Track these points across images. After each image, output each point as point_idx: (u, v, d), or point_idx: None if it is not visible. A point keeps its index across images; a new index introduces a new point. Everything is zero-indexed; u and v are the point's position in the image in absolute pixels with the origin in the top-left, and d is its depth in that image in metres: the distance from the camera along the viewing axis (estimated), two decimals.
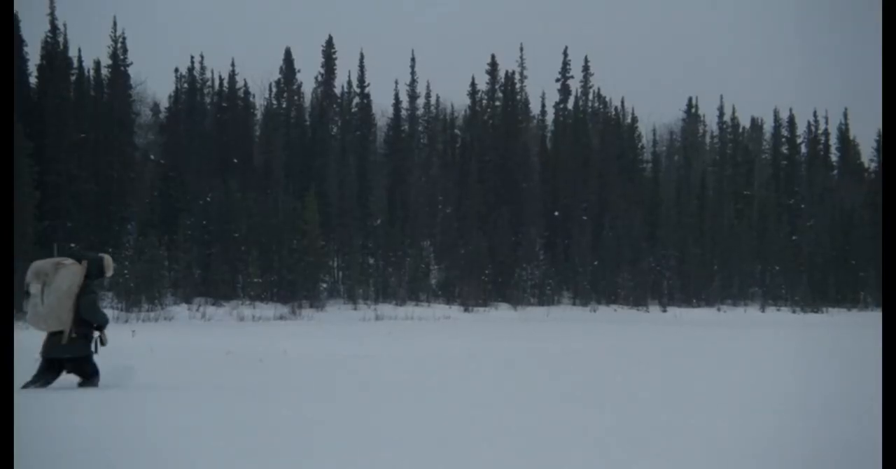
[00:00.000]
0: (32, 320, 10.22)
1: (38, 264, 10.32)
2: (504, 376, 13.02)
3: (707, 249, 66.69)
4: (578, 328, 35.58)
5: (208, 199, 53.01)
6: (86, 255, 10.37)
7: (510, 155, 65.86)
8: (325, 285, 54.45)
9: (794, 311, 63.09)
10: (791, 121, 77.65)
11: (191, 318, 43.23)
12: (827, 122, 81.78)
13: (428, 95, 68.87)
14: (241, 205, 53.39)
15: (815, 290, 65.79)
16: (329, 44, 66.39)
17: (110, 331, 10.41)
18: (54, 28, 50.27)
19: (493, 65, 68.57)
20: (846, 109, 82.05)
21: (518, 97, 69.55)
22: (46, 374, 10.11)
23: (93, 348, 10.18)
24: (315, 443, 6.44)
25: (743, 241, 67.70)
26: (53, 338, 10.10)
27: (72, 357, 10.06)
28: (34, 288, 10.21)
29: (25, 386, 9.92)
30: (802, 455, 6.13)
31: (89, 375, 10.18)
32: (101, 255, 10.49)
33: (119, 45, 54.23)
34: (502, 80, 68.47)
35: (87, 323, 10.10)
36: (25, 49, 48.95)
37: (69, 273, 10.13)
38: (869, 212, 69.52)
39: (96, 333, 10.21)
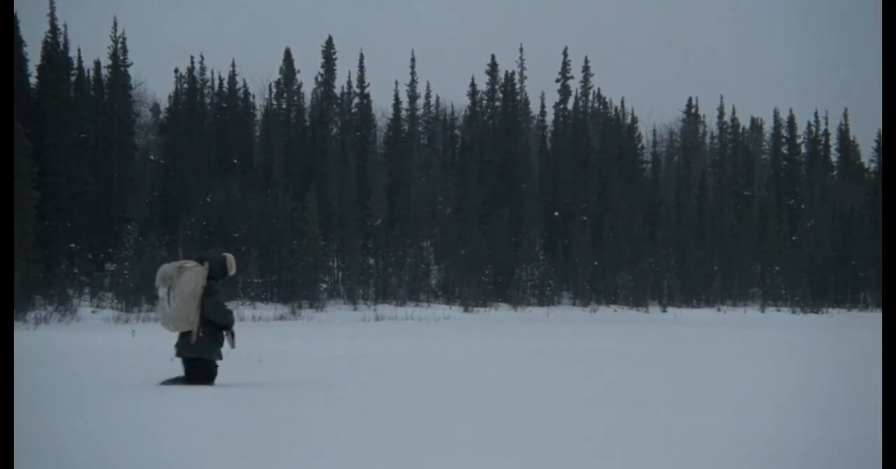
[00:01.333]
0: (163, 322, 10.49)
1: (163, 268, 10.50)
2: (505, 376, 13.01)
3: (707, 250, 66.69)
4: (582, 329, 35.56)
5: (208, 199, 53.03)
6: (208, 256, 10.59)
7: (510, 155, 65.89)
8: (325, 286, 54.46)
9: (794, 312, 63.08)
10: (791, 121, 77.66)
11: None
12: (827, 123, 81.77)
13: (428, 96, 68.92)
14: (241, 205, 53.41)
15: (815, 291, 65.77)
16: (329, 44, 66.40)
17: (243, 333, 10.54)
18: (54, 28, 50.29)
19: (493, 65, 68.61)
20: (846, 109, 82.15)
21: (518, 97, 69.56)
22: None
23: (221, 351, 10.46)
24: (316, 443, 6.44)
25: (743, 242, 67.69)
26: (184, 338, 10.34)
27: (198, 357, 10.33)
28: (161, 292, 10.37)
29: (166, 382, 10.38)
30: (803, 455, 6.13)
31: (195, 378, 10.34)
32: (224, 254, 10.69)
33: (119, 45, 54.25)
34: (502, 80, 68.51)
35: (214, 323, 10.35)
36: (25, 49, 48.94)
37: (192, 275, 10.30)
38: (869, 212, 69.53)
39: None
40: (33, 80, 49.63)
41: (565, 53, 71.83)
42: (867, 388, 10.41)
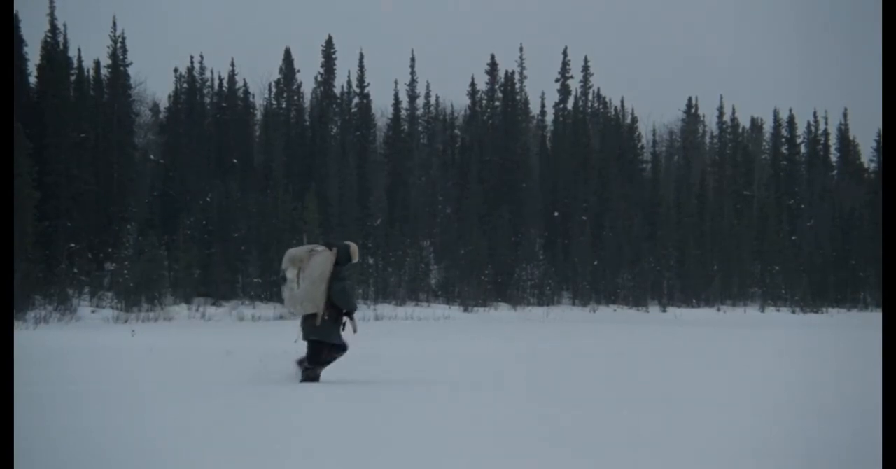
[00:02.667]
0: (289, 303, 10.73)
1: (292, 251, 10.78)
2: (510, 375, 13.00)
3: (707, 249, 66.69)
4: (585, 328, 35.55)
5: (208, 198, 53.02)
6: (335, 243, 10.89)
7: (510, 155, 65.91)
8: None
9: (793, 312, 63.09)
10: (791, 121, 77.68)
11: (190, 317, 43.23)
12: (827, 122, 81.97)
13: (428, 95, 68.92)
14: (241, 205, 53.41)
15: (814, 291, 65.78)
16: (329, 44, 66.40)
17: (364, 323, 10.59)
18: (54, 28, 50.29)
19: (493, 65, 68.62)
20: (846, 109, 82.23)
21: (518, 97, 69.56)
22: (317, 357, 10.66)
23: (342, 335, 10.64)
24: (316, 442, 6.44)
25: (742, 241, 67.70)
26: (308, 320, 10.54)
27: (320, 339, 10.53)
28: (290, 273, 10.66)
29: (304, 379, 10.57)
30: (803, 455, 6.13)
31: (318, 361, 10.60)
32: (347, 243, 10.94)
33: (119, 45, 54.23)
34: (502, 80, 68.52)
35: (338, 307, 10.56)
36: (25, 49, 48.95)
37: (321, 259, 10.57)
38: (869, 212, 69.55)
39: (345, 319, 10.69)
40: (33, 80, 49.64)
41: (565, 53, 71.88)
42: (867, 388, 10.41)
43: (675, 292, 63.99)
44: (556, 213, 65.02)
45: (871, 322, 42.05)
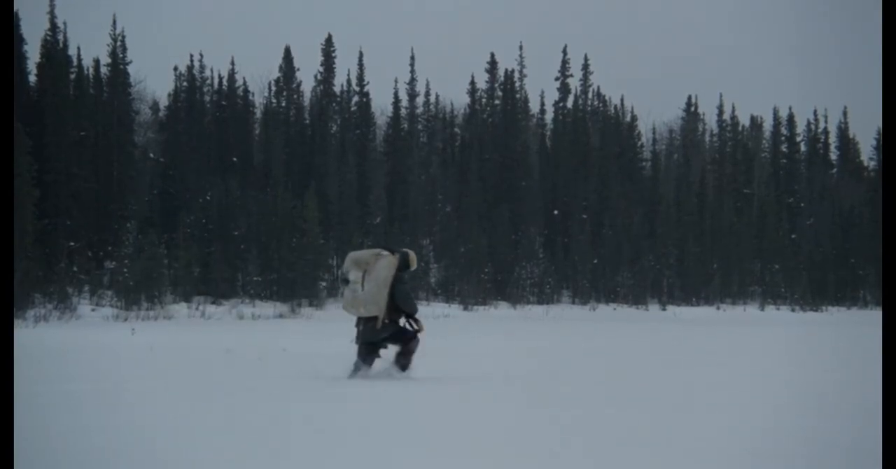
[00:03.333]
0: (350, 305, 10.90)
1: (356, 254, 11.05)
2: (509, 375, 13.00)
3: (706, 248, 66.68)
4: (585, 327, 35.55)
5: (208, 197, 53.01)
6: (397, 249, 11.11)
7: (510, 153, 65.89)
8: (324, 284, 54.43)
9: (793, 310, 63.10)
10: (791, 119, 77.65)
11: (190, 316, 43.22)
12: (826, 121, 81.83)
13: (427, 94, 68.85)
14: (241, 203, 53.40)
15: (814, 289, 65.79)
16: (328, 42, 66.36)
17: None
18: (54, 26, 50.26)
19: (493, 63, 68.59)
20: (846, 108, 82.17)
21: (517, 95, 69.51)
22: (367, 357, 10.93)
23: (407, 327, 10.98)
24: (317, 442, 6.43)
25: (742, 240, 67.69)
26: (369, 323, 10.78)
27: (387, 335, 10.82)
28: (353, 275, 10.84)
29: (353, 375, 10.85)
30: (802, 454, 6.13)
31: (408, 341, 10.90)
32: (406, 250, 11.19)
33: (118, 43, 54.21)
34: (502, 78, 68.48)
35: (399, 310, 10.83)
36: (25, 47, 48.93)
37: (387, 263, 10.81)
38: (868, 210, 69.55)
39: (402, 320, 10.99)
40: (33, 78, 49.63)
41: (565, 51, 71.81)
42: (867, 387, 10.41)
43: (675, 290, 63.99)
44: (555, 212, 65.02)
45: (870, 320, 42.06)
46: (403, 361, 10.92)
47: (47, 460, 5.71)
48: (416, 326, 10.92)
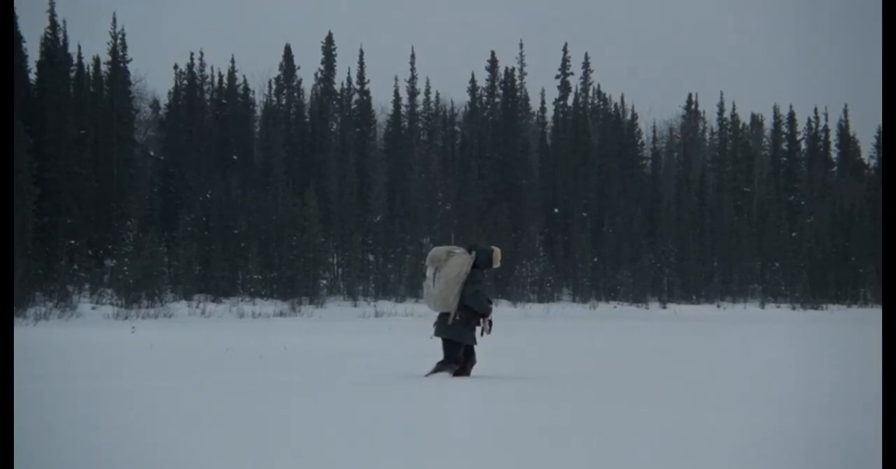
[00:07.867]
0: (426, 300, 11.11)
1: (434, 251, 11.11)
2: (511, 373, 12.99)
3: (707, 246, 66.70)
4: (585, 325, 35.54)
5: (208, 195, 53.03)
6: (477, 246, 11.13)
7: (510, 151, 65.89)
8: (324, 282, 54.46)
9: (793, 308, 63.10)
10: (791, 117, 77.63)
11: (190, 314, 43.24)
12: (827, 119, 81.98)
13: (428, 92, 68.86)
14: (241, 201, 53.43)
15: (814, 287, 65.80)
16: (329, 40, 66.38)
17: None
18: (54, 24, 50.25)
19: (493, 61, 68.59)
20: (846, 106, 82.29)
21: (518, 94, 69.53)
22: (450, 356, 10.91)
23: (475, 336, 10.97)
24: (317, 441, 6.43)
25: (743, 238, 67.70)
26: (442, 318, 10.90)
27: (450, 338, 10.83)
28: (429, 272, 11.01)
29: (433, 372, 10.85)
30: (802, 452, 6.13)
31: (451, 359, 10.85)
32: (492, 247, 11.19)
33: (118, 41, 54.24)
34: (502, 76, 68.49)
35: (471, 309, 10.87)
36: (25, 46, 48.96)
37: (458, 261, 10.89)
38: (869, 208, 69.54)
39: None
40: (33, 77, 49.64)
41: (565, 49, 71.83)
42: (867, 385, 10.41)
43: (675, 289, 64.00)
44: (555, 210, 65.03)
45: (871, 318, 42.06)
46: (457, 372, 10.94)
47: (47, 459, 5.70)
48: (487, 329, 10.98)
